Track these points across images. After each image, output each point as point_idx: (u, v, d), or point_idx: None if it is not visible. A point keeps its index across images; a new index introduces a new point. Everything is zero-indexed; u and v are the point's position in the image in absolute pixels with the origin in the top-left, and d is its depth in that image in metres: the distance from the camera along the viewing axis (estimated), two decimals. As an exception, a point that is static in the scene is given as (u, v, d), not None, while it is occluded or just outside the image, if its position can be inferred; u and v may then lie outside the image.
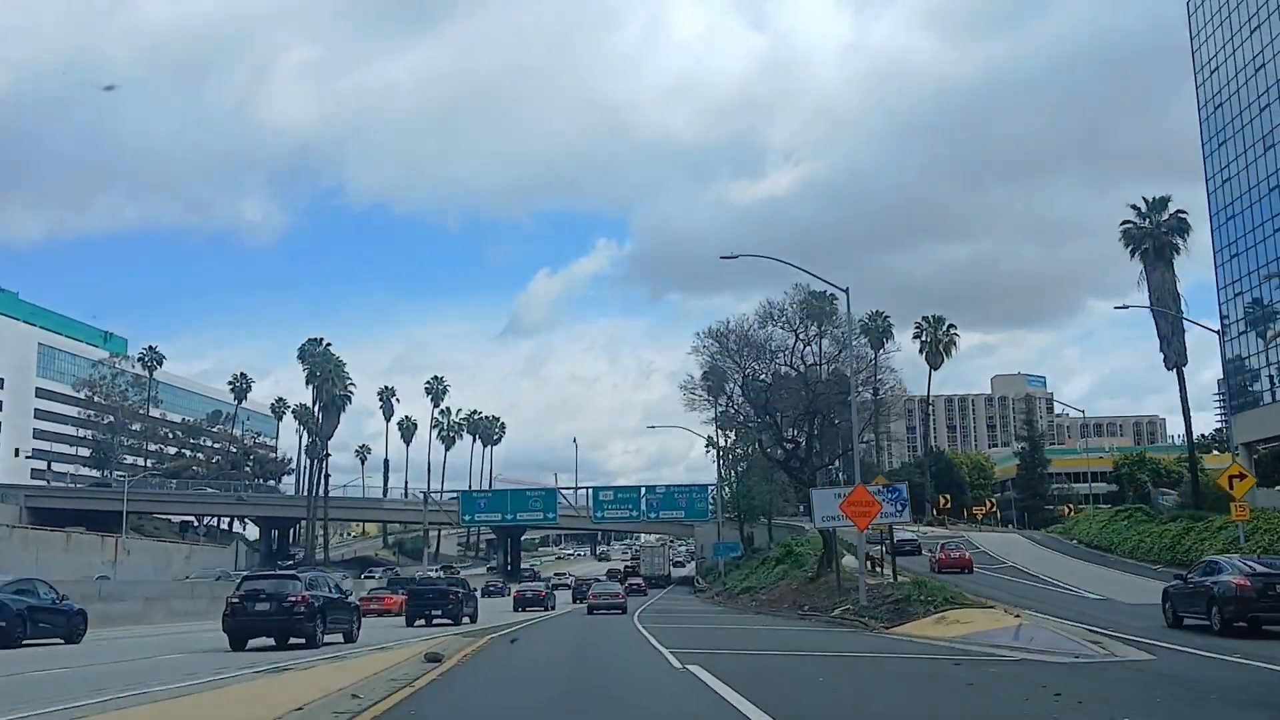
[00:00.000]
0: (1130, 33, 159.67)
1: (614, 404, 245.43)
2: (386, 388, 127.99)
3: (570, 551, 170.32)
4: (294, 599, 20.57)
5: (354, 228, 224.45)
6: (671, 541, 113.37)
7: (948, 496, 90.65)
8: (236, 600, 20.65)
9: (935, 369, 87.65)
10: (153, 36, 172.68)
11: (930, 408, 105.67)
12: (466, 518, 79.08)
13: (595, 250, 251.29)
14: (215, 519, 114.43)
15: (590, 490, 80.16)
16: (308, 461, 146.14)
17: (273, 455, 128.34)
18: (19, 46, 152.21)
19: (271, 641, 20.77)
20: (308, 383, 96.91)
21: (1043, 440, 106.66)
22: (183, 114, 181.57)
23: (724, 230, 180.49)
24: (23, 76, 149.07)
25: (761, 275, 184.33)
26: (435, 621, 32.55)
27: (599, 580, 58.23)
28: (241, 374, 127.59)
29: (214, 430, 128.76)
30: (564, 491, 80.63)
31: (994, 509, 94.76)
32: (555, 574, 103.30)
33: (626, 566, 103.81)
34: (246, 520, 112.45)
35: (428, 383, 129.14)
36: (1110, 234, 63.70)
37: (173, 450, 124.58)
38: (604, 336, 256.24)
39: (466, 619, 33.61)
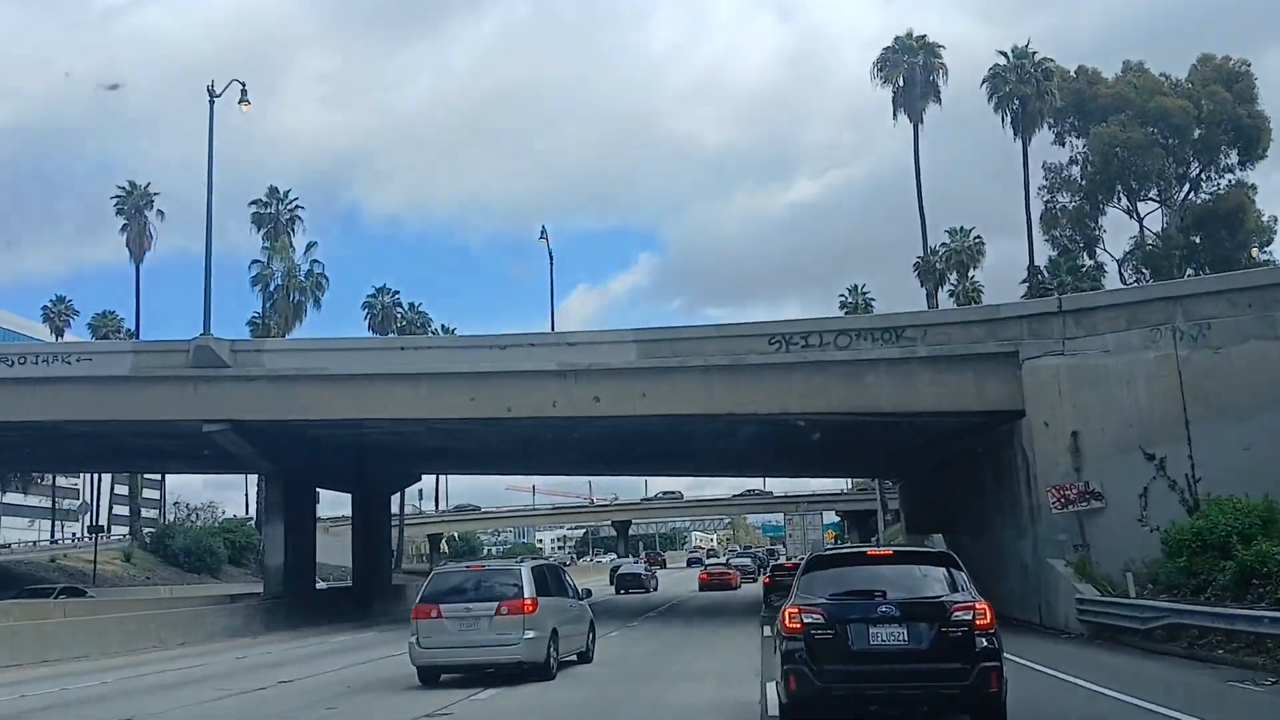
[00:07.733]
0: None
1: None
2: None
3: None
4: (965, 617, 8.59)
5: (370, 248, 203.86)
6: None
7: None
8: (821, 616, 8.70)
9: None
10: (166, 59, 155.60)
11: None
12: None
13: (635, 265, 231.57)
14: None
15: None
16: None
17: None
18: (28, 77, 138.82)
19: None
20: None
21: None
22: (196, 138, 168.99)
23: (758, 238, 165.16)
24: (34, 107, 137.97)
25: (791, 285, 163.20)
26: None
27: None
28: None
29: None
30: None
31: None
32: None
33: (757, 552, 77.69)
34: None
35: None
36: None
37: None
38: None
39: None
